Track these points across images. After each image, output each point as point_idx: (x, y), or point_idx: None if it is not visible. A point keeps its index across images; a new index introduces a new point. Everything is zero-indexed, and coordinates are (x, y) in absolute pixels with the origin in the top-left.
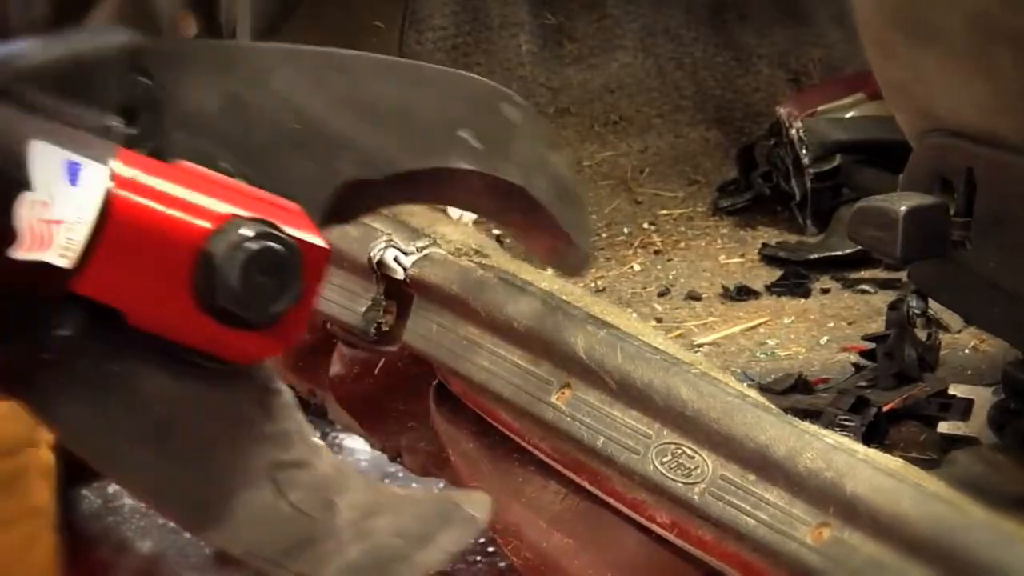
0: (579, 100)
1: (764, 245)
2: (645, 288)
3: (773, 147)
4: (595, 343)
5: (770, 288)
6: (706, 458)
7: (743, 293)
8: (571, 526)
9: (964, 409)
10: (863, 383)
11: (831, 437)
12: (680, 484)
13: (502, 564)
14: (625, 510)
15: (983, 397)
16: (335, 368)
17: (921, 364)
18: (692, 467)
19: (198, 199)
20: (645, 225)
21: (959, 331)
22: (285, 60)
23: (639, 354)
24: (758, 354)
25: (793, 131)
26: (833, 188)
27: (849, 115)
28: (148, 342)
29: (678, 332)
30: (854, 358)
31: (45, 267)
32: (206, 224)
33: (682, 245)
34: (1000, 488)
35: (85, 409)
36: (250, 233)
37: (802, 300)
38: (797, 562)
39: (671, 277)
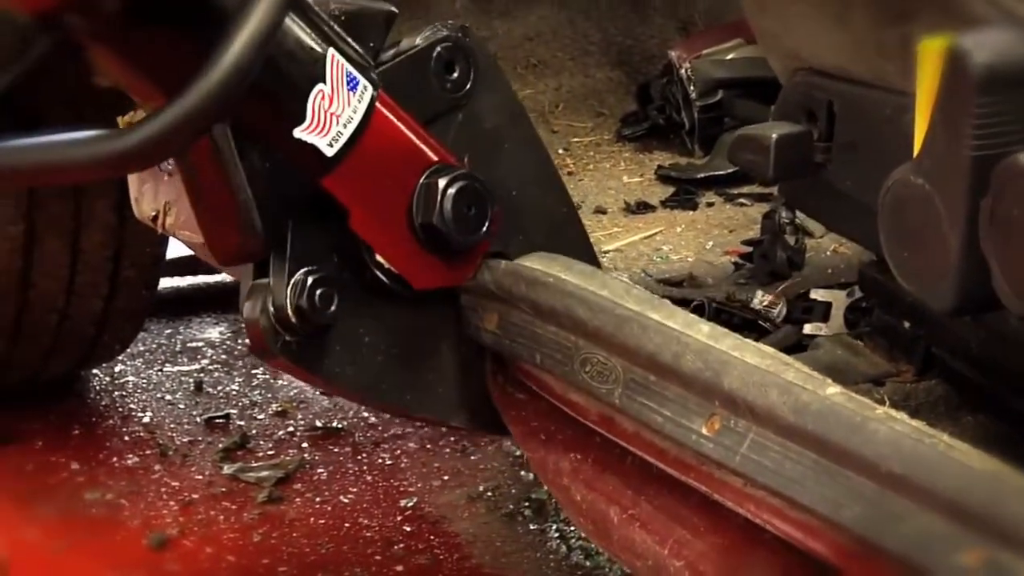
0: (504, 47)
1: (659, 167)
2: None
3: (666, 84)
4: (500, 276)
5: (664, 203)
6: (616, 364)
7: (642, 207)
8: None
9: (824, 312)
10: (742, 280)
11: (708, 334)
12: (603, 388)
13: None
14: (568, 411)
15: (839, 299)
16: None
17: (790, 264)
18: (608, 373)
19: (431, 145)
20: (560, 151)
21: (821, 236)
22: (536, 145)
23: (537, 280)
24: (655, 258)
25: (682, 71)
26: (716, 118)
27: (729, 57)
28: (366, 284)
29: None
30: (734, 260)
31: (313, 153)
32: (434, 157)
33: (591, 167)
34: (856, 369)
35: (352, 362)
36: (462, 174)
37: (691, 212)
38: (697, 450)
39: (582, 194)
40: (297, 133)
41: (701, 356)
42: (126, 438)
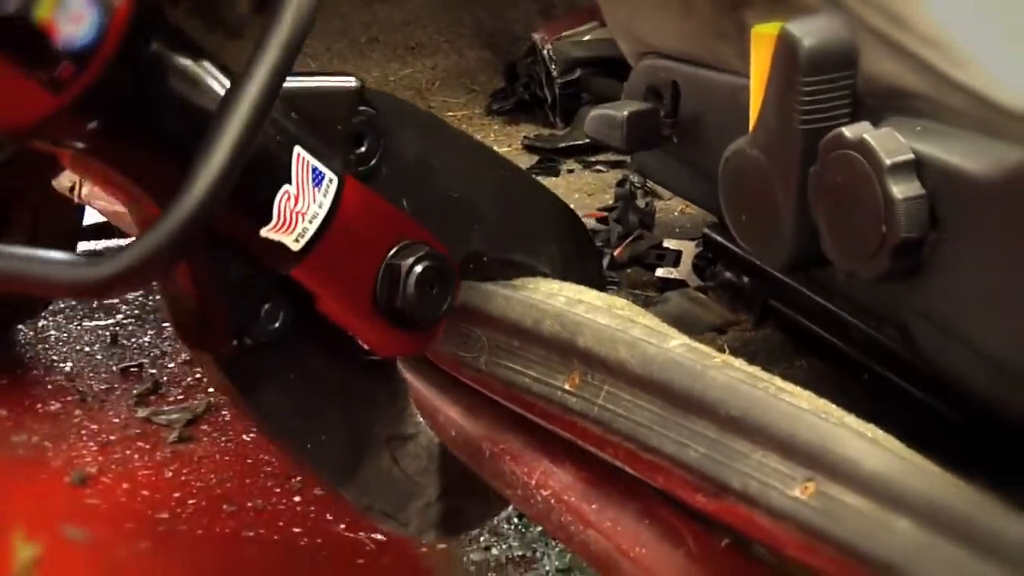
0: (385, 30)
1: (525, 138)
2: None
3: (531, 64)
4: None
5: (530, 170)
6: (481, 333)
7: None
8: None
9: (675, 258)
10: (599, 242)
11: (565, 302)
12: (470, 356)
13: None
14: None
15: (689, 249)
16: None
17: (641, 224)
18: (474, 342)
19: (393, 222)
20: None
21: (670, 199)
22: (462, 142)
23: None
24: None
25: (545, 51)
26: (575, 94)
27: (586, 38)
28: (321, 337)
29: None
30: (592, 223)
31: (279, 249)
32: (395, 241)
33: None
34: (702, 320)
35: (275, 390)
36: (425, 253)
37: (554, 178)
38: (562, 404)
39: None
40: (263, 233)
41: (558, 320)
42: (49, 386)
